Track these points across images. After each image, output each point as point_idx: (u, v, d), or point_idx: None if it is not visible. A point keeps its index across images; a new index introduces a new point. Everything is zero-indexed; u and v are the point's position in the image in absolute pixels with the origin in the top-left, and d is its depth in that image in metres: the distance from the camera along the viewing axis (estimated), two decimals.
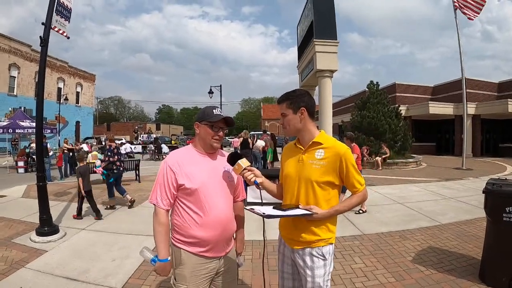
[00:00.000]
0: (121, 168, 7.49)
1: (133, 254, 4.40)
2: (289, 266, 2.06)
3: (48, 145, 13.80)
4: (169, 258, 1.89)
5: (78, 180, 6.21)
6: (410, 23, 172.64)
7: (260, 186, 1.97)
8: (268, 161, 13.27)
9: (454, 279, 3.59)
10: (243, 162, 1.93)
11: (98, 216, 6.21)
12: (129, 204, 7.10)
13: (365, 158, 15.37)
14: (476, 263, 3.89)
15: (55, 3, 5.39)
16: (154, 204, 1.91)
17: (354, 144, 7.24)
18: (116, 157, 7.23)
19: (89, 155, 12.46)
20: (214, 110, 1.97)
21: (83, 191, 6.13)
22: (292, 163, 2.02)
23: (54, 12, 5.39)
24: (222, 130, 1.98)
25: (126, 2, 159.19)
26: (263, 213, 1.71)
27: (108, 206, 7.06)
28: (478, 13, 14.73)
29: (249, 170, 1.93)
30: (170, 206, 1.92)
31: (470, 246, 4.61)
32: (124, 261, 4.18)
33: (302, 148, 1.98)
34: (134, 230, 5.44)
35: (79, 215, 6.23)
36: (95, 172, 8.77)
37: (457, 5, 14.84)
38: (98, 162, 8.41)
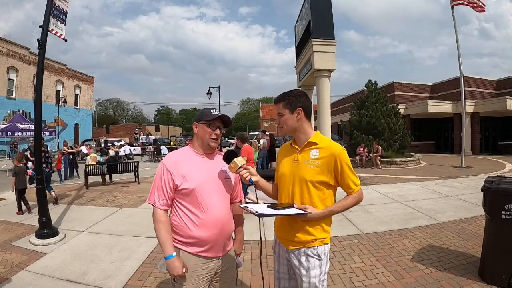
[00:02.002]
0: (47, 170, 8.46)
1: (133, 256, 4.41)
2: (284, 266, 2.06)
3: (48, 148, 13.79)
4: (174, 254, 1.84)
5: (13, 178, 7.15)
6: (409, 21, 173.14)
7: (255, 185, 1.98)
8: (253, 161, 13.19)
9: (454, 277, 3.59)
10: (239, 160, 1.93)
11: (19, 211, 6.95)
12: (54, 200, 7.87)
13: (363, 157, 15.40)
14: (476, 261, 3.90)
15: (52, 7, 5.40)
16: (152, 205, 1.93)
17: (246, 144, 7.03)
18: (43, 159, 7.93)
19: (89, 156, 12.45)
20: (212, 111, 2.01)
21: (14, 188, 7.02)
22: (287, 163, 2.03)
23: (50, 15, 5.40)
24: (219, 129, 2.02)
25: (123, 4, 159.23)
26: (256, 211, 1.72)
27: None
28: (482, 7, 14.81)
29: (244, 169, 1.94)
30: (168, 206, 1.94)
31: (469, 244, 4.62)
32: (123, 263, 4.18)
33: (298, 148, 1.99)
34: (134, 232, 5.44)
35: (20, 210, 6.96)
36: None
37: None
38: (29, 164, 8.80)
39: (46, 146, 8.83)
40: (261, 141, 13.99)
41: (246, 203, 1.96)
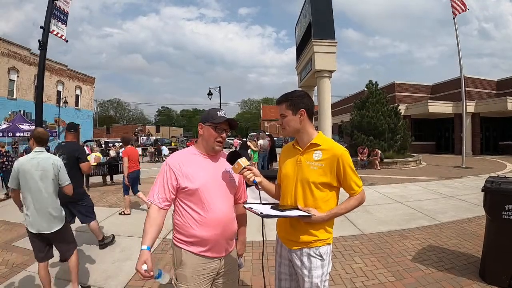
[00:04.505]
0: (9, 167, 9.22)
1: (134, 256, 4.41)
2: (286, 267, 2.06)
3: (50, 149, 13.78)
4: (147, 247, 1.76)
5: None
6: (409, 19, 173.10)
7: (258, 186, 1.98)
8: (253, 162, 13.17)
9: (454, 278, 3.60)
10: (243, 161, 1.93)
11: None
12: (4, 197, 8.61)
13: (364, 158, 15.37)
14: (476, 261, 3.90)
15: (53, 8, 5.41)
16: (150, 201, 1.93)
17: (129, 146, 7.09)
18: (4, 158, 9.33)
19: (92, 156, 12.38)
20: (218, 112, 2.00)
21: None
22: (290, 164, 2.03)
23: (51, 16, 5.42)
24: (225, 131, 2.01)
25: (123, 5, 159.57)
26: (261, 213, 1.72)
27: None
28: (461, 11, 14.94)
29: (248, 169, 1.94)
30: (166, 204, 1.91)
31: (470, 245, 4.62)
32: (124, 263, 4.19)
33: (300, 149, 1.99)
34: (134, 232, 5.44)
35: None
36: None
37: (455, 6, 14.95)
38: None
39: (5, 146, 10.15)
40: (260, 141, 13.97)
41: (249, 203, 1.96)
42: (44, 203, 3.09)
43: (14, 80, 28.73)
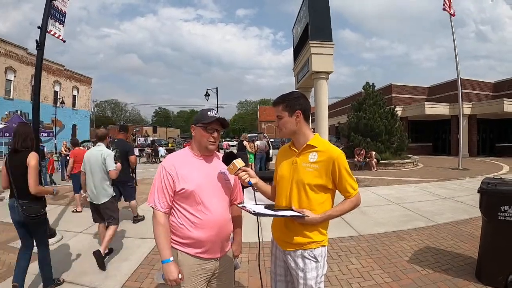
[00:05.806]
0: None
1: (131, 257, 4.41)
2: (281, 268, 2.06)
3: (45, 149, 13.73)
4: (171, 259, 1.84)
5: None
6: (407, 19, 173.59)
7: (254, 187, 1.98)
8: (250, 163, 13.18)
9: (451, 279, 3.61)
10: (238, 162, 1.93)
11: None
12: None
13: (361, 161, 15.38)
14: (473, 262, 3.92)
15: (50, 7, 5.40)
16: (152, 207, 1.93)
17: (76, 148, 7.76)
18: None
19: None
20: (209, 112, 1.99)
21: None
22: (286, 165, 2.03)
23: (49, 16, 5.40)
24: (216, 131, 2.00)
25: (120, 6, 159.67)
26: (254, 211, 1.72)
27: None
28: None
29: (243, 171, 1.93)
30: (168, 209, 1.93)
31: (466, 246, 4.64)
32: (121, 264, 4.18)
33: (296, 150, 1.99)
34: (131, 233, 5.44)
35: None
36: None
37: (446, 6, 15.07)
38: None
39: None
40: (257, 142, 13.97)
41: (243, 203, 1.97)
42: (96, 182, 4.37)
43: (11, 80, 28.62)
